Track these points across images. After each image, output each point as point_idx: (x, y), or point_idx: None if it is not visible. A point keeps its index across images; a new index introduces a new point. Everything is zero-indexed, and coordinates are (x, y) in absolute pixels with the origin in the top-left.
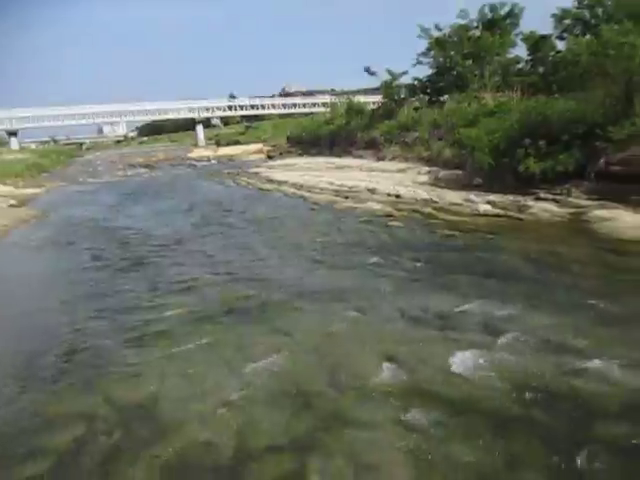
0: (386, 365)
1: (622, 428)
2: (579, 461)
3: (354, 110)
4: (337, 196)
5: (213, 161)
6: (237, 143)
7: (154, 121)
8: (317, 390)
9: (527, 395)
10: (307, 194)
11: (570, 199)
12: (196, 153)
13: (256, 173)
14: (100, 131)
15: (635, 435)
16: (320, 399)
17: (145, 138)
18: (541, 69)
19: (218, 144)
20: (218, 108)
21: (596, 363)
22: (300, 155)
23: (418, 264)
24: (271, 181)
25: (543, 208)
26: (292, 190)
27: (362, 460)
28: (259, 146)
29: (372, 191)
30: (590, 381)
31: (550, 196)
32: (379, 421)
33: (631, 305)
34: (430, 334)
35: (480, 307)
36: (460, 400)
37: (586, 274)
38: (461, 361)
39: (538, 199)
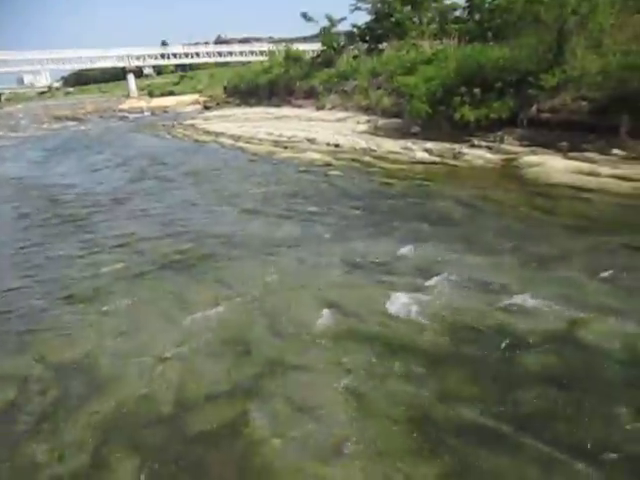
0: (326, 311)
1: (545, 359)
2: (507, 391)
3: (292, 58)
4: (276, 147)
5: (146, 113)
6: (171, 94)
7: (81, 71)
8: (257, 338)
9: (458, 332)
10: (245, 145)
11: (503, 146)
12: (128, 104)
13: (192, 125)
14: (20, 81)
15: (557, 365)
16: (261, 347)
17: (71, 89)
18: (477, 16)
19: (151, 95)
20: (150, 56)
21: (523, 300)
22: (238, 105)
23: (357, 212)
24: (208, 133)
25: (477, 155)
26: (230, 142)
27: (303, 402)
28: (195, 97)
29: (311, 141)
30: (517, 317)
31: (484, 143)
32: (319, 364)
33: (556, 245)
34: (368, 279)
35: (416, 251)
36: (396, 340)
37: (516, 217)
38: (398, 303)
39: (473, 146)
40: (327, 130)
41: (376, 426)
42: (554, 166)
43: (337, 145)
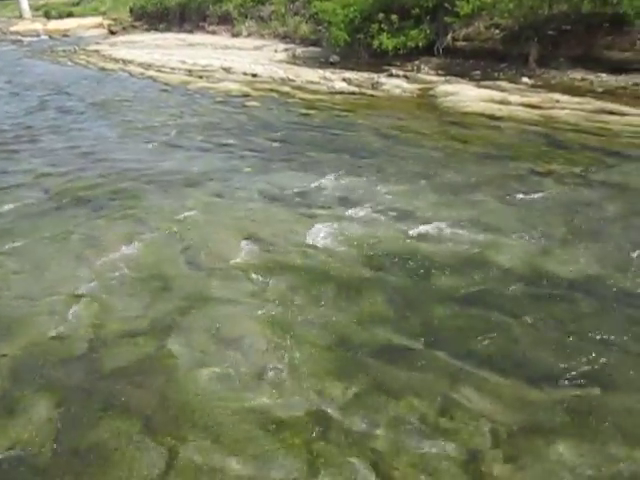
0: (245, 244)
1: (456, 280)
2: (420, 312)
3: None
4: (190, 76)
5: (44, 36)
6: (71, 15)
7: None
8: (176, 274)
9: (376, 259)
10: (157, 74)
11: (420, 75)
12: (22, 26)
13: (97, 51)
14: None
15: (466, 285)
16: (179, 282)
17: None
18: None
19: (48, 16)
20: None
21: (436, 226)
22: (147, 31)
23: (276, 144)
24: (115, 60)
25: (395, 84)
26: (139, 70)
27: (224, 334)
28: (98, 20)
29: (227, 70)
30: (431, 242)
31: (402, 72)
32: (240, 296)
33: (469, 173)
34: (288, 211)
35: (335, 182)
36: (316, 269)
37: (432, 146)
38: (317, 234)
39: (391, 76)
40: (244, 59)
41: (297, 352)
42: (468, 95)
43: (255, 75)
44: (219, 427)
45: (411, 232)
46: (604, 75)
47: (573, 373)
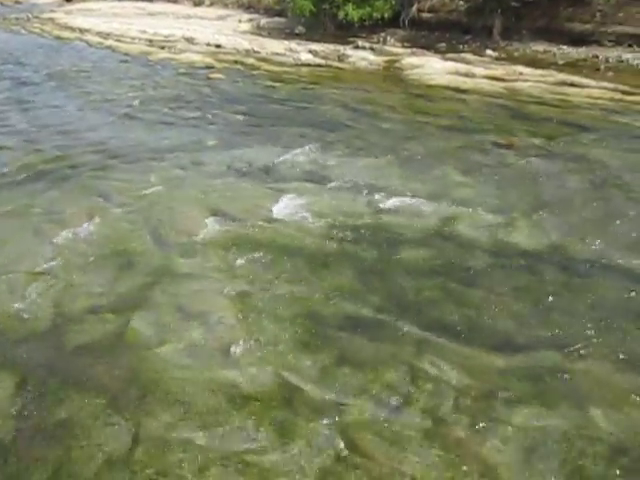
0: (211, 219)
1: (422, 253)
2: (387, 285)
3: None
4: (151, 46)
5: None
6: None
7: None
8: (140, 249)
9: (342, 233)
10: (116, 44)
11: (386, 47)
12: None
13: (52, 19)
14: None
15: (432, 257)
16: (144, 258)
17: None
18: None
19: None
20: None
21: (402, 199)
22: None
23: (241, 117)
24: (71, 29)
25: (361, 57)
26: (97, 39)
27: (191, 310)
28: None
29: (190, 41)
30: (397, 216)
31: (367, 44)
32: (207, 272)
33: (435, 146)
34: (254, 185)
35: (301, 156)
36: (283, 244)
37: (398, 120)
38: (284, 208)
39: (357, 47)
40: (207, 29)
41: (264, 327)
42: (433, 67)
43: (218, 45)
44: (186, 401)
45: (378, 205)
46: (565, 47)
47: (535, 341)
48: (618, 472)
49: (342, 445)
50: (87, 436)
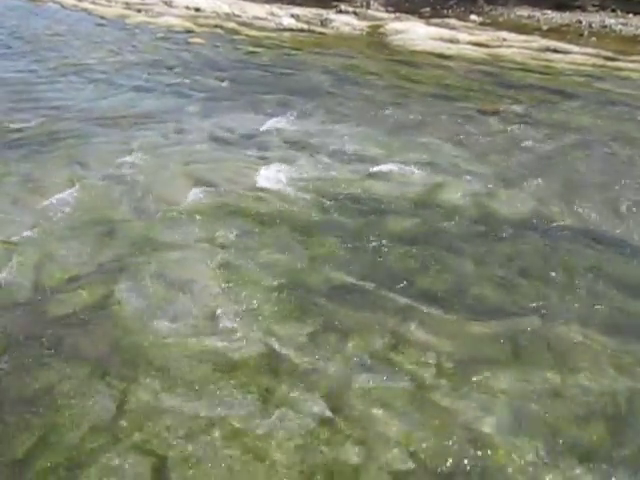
0: (194, 188)
1: (406, 221)
2: (371, 254)
3: None
4: (128, 9)
5: None
6: None
7: None
8: (122, 218)
9: (327, 202)
10: (91, 7)
11: (369, 12)
12: None
13: None
14: None
15: (416, 226)
16: (126, 227)
17: None
18: None
19: None
20: None
21: (386, 167)
22: None
23: (222, 84)
24: None
25: (344, 21)
26: (72, 2)
27: (175, 279)
28: None
29: (168, 4)
30: (381, 184)
31: (351, 9)
32: (190, 241)
33: (419, 113)
34: (237, 153)
35: (285, 124)
36: (267, 213)
37: (382, 86)
38: (268, 177)
39: (340, 12)
40: None
41: (249, 296)
42: (418, 33)
43: (198, 9)
44: (172, 370)
45: (362, 173)
46: (550, 12)
47: (516, 307)
48: (598, 434)
49: (327, 410)
50: (71, 404)
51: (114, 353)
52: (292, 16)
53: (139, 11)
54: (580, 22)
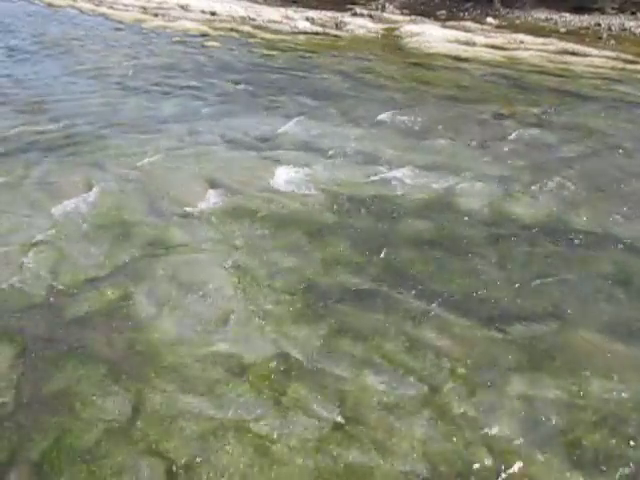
0: (209, 189)
1: (420, 224)
2: (385, 256)
3: None
4: (145, 14)
5: None
6: None
7: None
8: (137, 221)
9: (340, 204)
10: (109, 11)
11: (384, 14)
12: None
13: None
14: None
15: (430, 229)
16: (142, 229)
17: None
18: None
19: None
20: None
21: (401, 170)
22: None
23: (238, 86)
24: None
25: (359, 24)
26: (90, 6)
27: (189, 281)
28: None
29: (185, 8)
30: (395, 187)
31: (366, 11)
32: (204, 243)
33: (434, 116)
34: (252, 156)
35: (299, 126)
36: (281, 215)
37: (396, 89)
38: (282, 179)
39: (355, 15)
40: None
41: (262, 297)
42: (433, 36)
43: (213, 13)
44: (186, 372)
45: (376, 176)
46: (567, 15)
47: (532, 312)
48: (614, 441)
49: (340, 414)
50: (87, 405)
51: (129, 355)
52: (307, 19)
53: (156, 15)
54: (599, 25)
